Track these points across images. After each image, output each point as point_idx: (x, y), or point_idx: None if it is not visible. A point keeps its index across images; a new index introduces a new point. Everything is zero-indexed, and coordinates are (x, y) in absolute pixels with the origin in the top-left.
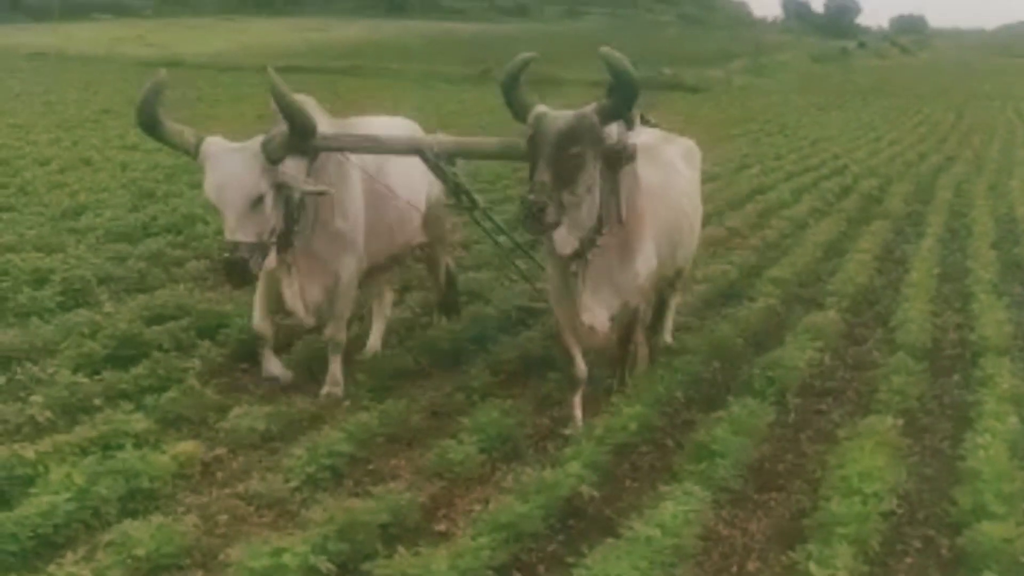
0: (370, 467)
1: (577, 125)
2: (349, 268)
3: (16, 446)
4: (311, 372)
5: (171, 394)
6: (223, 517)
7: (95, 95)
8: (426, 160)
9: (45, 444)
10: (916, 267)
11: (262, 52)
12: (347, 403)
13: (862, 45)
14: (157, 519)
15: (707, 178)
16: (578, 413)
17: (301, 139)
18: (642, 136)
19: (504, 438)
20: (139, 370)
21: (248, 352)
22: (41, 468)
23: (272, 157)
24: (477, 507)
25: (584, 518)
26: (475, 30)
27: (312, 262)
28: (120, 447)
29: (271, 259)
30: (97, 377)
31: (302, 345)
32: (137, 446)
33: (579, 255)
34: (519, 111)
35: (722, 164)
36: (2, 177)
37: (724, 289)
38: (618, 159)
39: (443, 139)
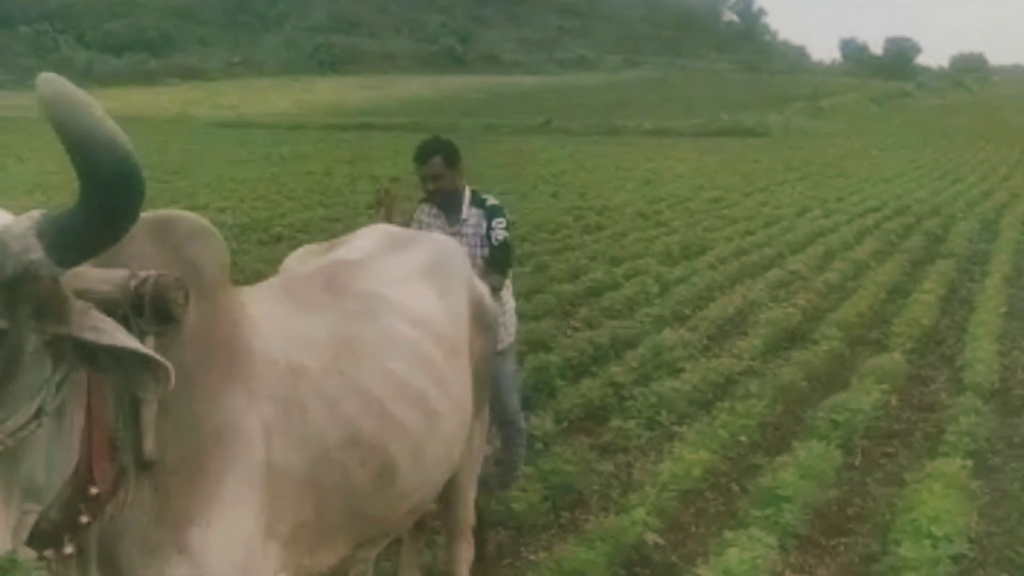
0: None
1: None
2: None
3: None
4: None
5: None
6: None
7: (165, 157)
8: None
9: None
10: (982, 306)
11: (326, 110)
12: None
13: (920, 85)
14: None
15: (770, 221)
16: None
17: None
18: (356, 244)
19: (567, 486)
20: None
21: None
22: None
23: None
24: (542, 555)
25: (649, 565)
26: (535, 82)
27: None
28: None
29: None
30: None
31: None
32: None
33: (52, 546)
34: None
35: (783, 207)
36: None
37: (787, 332)
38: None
39: None
